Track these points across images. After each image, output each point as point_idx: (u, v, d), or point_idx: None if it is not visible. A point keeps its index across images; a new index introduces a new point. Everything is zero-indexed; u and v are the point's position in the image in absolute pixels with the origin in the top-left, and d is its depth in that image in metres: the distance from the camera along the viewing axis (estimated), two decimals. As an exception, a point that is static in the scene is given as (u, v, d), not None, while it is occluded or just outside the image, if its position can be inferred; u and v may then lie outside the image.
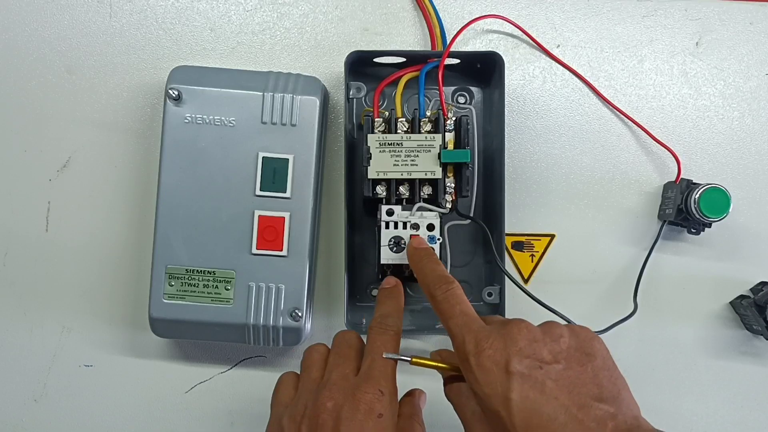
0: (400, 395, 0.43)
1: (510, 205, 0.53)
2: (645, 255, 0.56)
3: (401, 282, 0.55)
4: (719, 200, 0.53)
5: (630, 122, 0.57)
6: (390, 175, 0.50)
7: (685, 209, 0.54)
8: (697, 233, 0.56)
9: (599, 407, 0.37)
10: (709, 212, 0.53)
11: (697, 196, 0.53)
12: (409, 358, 0.43)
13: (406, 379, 0.55)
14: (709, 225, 0.55)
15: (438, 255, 0.51)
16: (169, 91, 0.50)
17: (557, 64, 0.57)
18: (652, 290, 0.56)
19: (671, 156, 0.56)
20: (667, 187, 0.56)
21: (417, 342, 0.56)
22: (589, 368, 0.38)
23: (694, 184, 0.55)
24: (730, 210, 0.53)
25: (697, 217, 0.53)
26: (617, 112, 0.57)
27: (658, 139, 0.56)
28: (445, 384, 0.44)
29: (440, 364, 0.44)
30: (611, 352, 0.42)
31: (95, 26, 0.56)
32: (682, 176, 0.55)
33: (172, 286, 0.51)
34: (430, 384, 0.48)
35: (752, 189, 0.57)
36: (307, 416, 0.41)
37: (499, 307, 0.53)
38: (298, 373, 0.46)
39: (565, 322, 0.43)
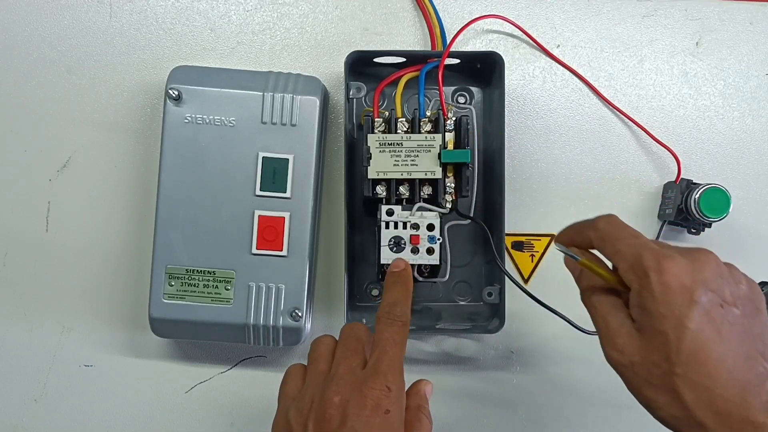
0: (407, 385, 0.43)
1: (510, 205, 0.53)
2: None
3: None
4: (719, 200, 0.53)
5: (630, 122, 0.57)
6: (390, 175, 0.50)
7: (685, 209, 0.54)
8: (697, 233, 0.56)
9: (763, 364, 0.36)
10: (709, 212, 0.53)
11: (697, 196, 0.53)
12: (578, 257, 0.41)
13: (408, 377, 0.55)
14: (709, 225, 0.55)
15: (438, 255, 0.51)
16: (169, 91, 0.50)
17: (557, 64, 0.57)
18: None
19: (671, 156, 0.56)
20: (667, 187, 0.56)
21: (417, 342, 0.56)
22: (759, 322, 0.37)
23: (694, 184, 0.55)
24: (730, 210, 0.53)
25: (697, 217, 0.53)
26: (617, 112, 0.57)
27: (658, 139, 0.56)
28: (587, 290, 0.42)
29: (608, 274, 0.40)
30: None
31: (95, 26, 0.56)
32: (682, 176, 0.55)
33: (172, 286, 0.51)
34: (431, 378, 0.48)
35: (752, 189, 0.57)
36: (314, 410, 0.41)
37: (499, 307, 0.53)
38: (306, 365, 0.46)
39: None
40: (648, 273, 0.37)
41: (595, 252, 0.42)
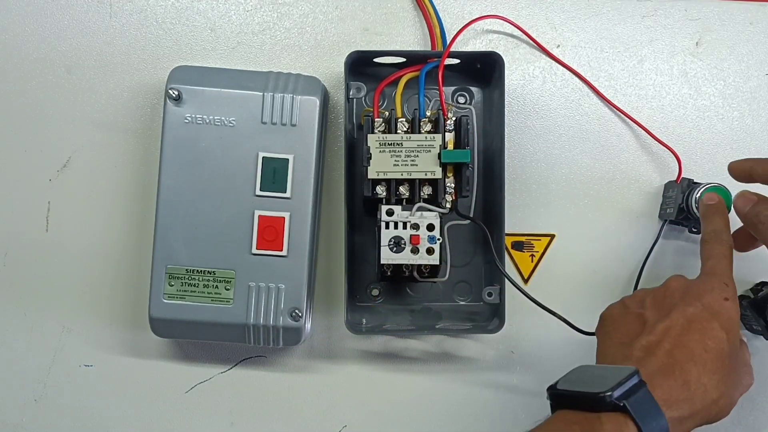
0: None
1: (510, 205, 0.53)
2: (645, 254, 0.56)
3: (401, 282, 0.55)
4: None
5: (630, 122, 0.57)
6: (390, 175, 0.50)
7: (686, 208, 0.54)
8: (698, 233, 0.55)
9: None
10: None
11: (698, 195, 0.53)
12: None
13: (408, 377, 0.55)
14: None
15: (438, 255, 0.51)
16: (169, 91, 0.50)
17: (557, 64, 0.57)
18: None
19: (671, 156, 0.56)
20: (668, 186, 0.56)
21: (417, 342, 0.56)
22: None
23: (695, 183, 0.55)
24: (731, 209, 0.53)
25: (698, 216, 0.53)
26: (617, 112, 0.57)
27: (659, 138, 0.56)
28: None
29: None
30: None
31: (95, 26, 0.56)
32: (682, 176, 0.55)
33: (172, 286, 0.51)
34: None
35: (752, 189, 0.57)
36: (652, 292, 0.45)
37: (499, 308, 0.53)
38: None
39: None
40: None
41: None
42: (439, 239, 0.51)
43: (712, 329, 0.42)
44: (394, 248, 0.51)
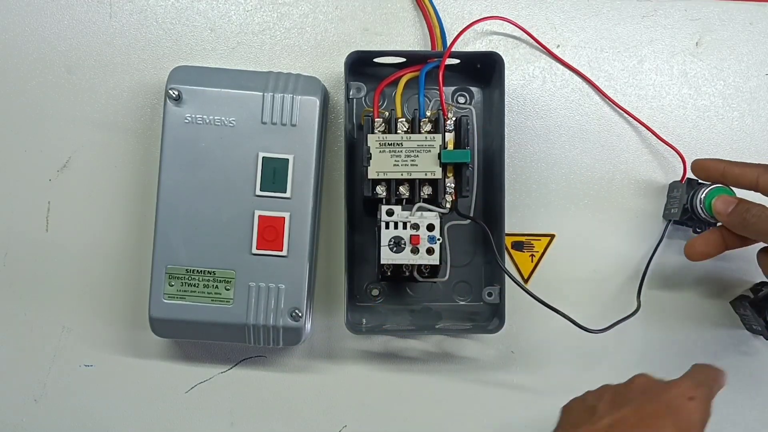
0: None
1: (510, 205, 0.53)
2: (649, 254, 0.56)
3: (401, 282, 0.55)
4: None
5: (632, 121, 0.57)
6: (390, 175, 0.50)
7: (691, 209, 0.54)
8: (702, 233, 0.56)
9: None
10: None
11: (703, 195, 0.53)
12: None
13: (408, 376, 0.55)
14: (714, 225, 0.55)
15: (438, 255, 0.51)
16: (169, 91, 0.50)
17: (557, 64, 0.57)
18: (655, 289, 0.56)
19: (672, 155, 0.56)
20: (673, 186, 0.56)
21: (417, 342, 0.56)
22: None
23: (700, 183, 0.55)
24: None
25: (703, 216, 0.53)
26: (619, 111, 0.57)
27: (664, 138, 0.56)
28: None
29: None
30: (615, 350, 0.43)
31: (95, 26, 0.56)
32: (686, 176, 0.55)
33: (172, 286, 0.51)
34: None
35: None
36: (612, 388, 0.45)
37: (499, 307, 0.53)
38: None
39: None
40: None
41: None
42: (439, 239, 0.51)
43: (662, 428, 0.40)
44: (394, 248, 0.51)
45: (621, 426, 0.41)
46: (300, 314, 0.51)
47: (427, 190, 0.51)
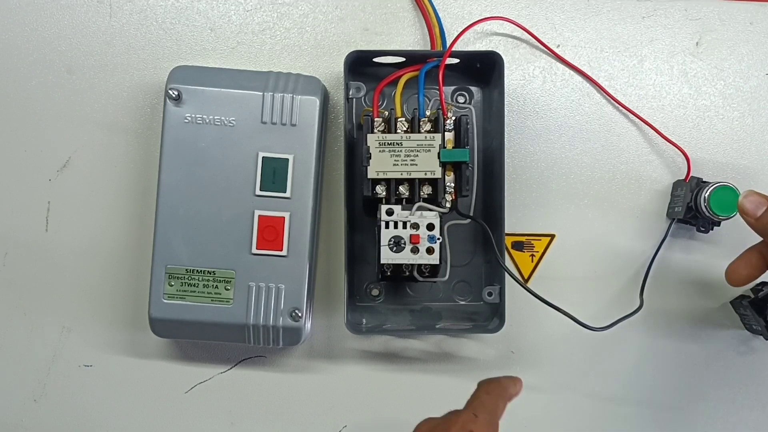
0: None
1: (510, 205, 0.53)
2: (651, 254, 0.56)
3: (401, 282, 0.55)
4: (729, 199, 0.52)
5: (634, 120, 0.57)
6: (390, 175, 0.50)
7: (695, 207, 0.54)
8: (706, 231, 0.56)
9: None
10: (719, 210, 0.53)
11: (707, 194, 0.53)
12: None
13: (408, 376, 0.55)
14: (718, 224, 0.55)
15: (438, 254, 0.51)
16: (169, 91, 0.50)
17: (557, 64, 0.57)
18: (656, 288, 0.56)
19: (676, 154, 0.56)
20: (677, 185, 0.56)
21: (417, 342, 0.56)
22: None
23: (704, 182, 0.55)
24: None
25: (707, 215, 0.53)
26: (621, 110, 0.57)
27: (668, 137, 0.56)
28: None
29: None
30: (615, 350, 0.42)
31: (95, 26, 0.56)
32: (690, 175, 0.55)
33: (172, 286, 0.51)
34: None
35: (752, 189, 0.57)
36: None
37: (499, 307, 0.53)
38: None
39: None
40: None
41: None
42: (439, 239, 0.51)
43: None
44: (394, 248, 0.51)
45: None
46: (300, 314, 0.51)
47: (426, 190, 0.51)
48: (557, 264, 0.57)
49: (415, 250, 0.50)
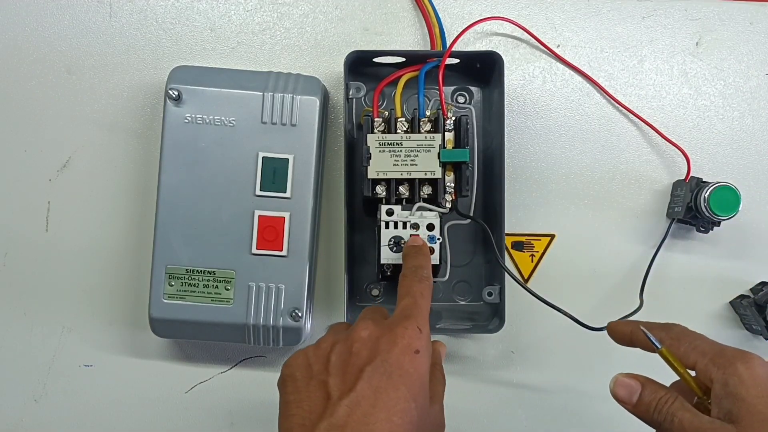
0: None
1: (510, 205, 0.53)
2: (651, 253, 0.56)
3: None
4: (729, 199, 0.53)
5: (634, 120, 0.57)
6: (390, 175, 0.50)
7: (695, 207, 0.54)
8: (706, 231, 0.56)
9: None
10: (719, 210, 0.53)
11: (707, 194, 0.53)
12: (659, 345, 0.41)
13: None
14: (718, 224, 0.55)
15: (438, 254, 0.51)
16: (169, 91, 0.50)
17: (557, 64, 0.57)
18: (656, 288, 0.56)
19: (676, 154, 0.56)
20: (677, 185, 0.56)
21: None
22: None
23: (704, 182, 0.55)
24: (740, 209, 0.53)
25: (707, 215, 0.53)
26: (621, 110, 0.57)
27: (668, 137, 0.56)
28: (662, 405, 0.41)
29: (684, 369, 0.41)
30: (615, 350, 0.45)
31: (95, 26, 0.56)
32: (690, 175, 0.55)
33: (172, 286, 0.51)
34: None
35: (752, 189, 0.57)
36: (338, 345, 0.40)
37: (499, 307, 0.53)
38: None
39: None
40: (733, 362, 0.38)
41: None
42: (439, 239, 0.51)
43: (398, 400, 0.38)
44: (394, 248, 0.51)
45: (359, 409, 0.37)
46: (300, 314, 0.51)
47: (426, 190, 0.51)
48: (557, 264, 0.57)
49: (415, 250, 0.50)
